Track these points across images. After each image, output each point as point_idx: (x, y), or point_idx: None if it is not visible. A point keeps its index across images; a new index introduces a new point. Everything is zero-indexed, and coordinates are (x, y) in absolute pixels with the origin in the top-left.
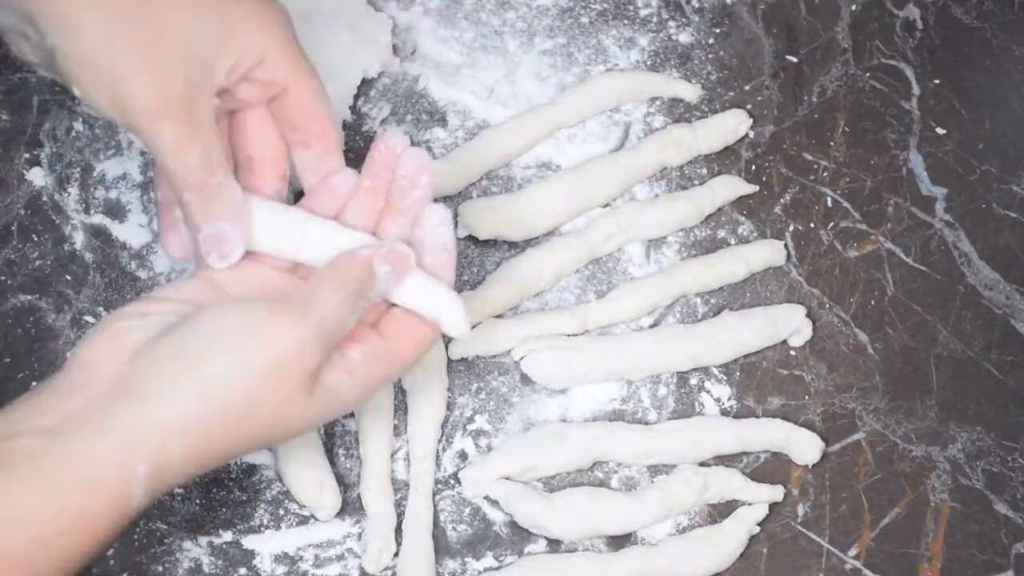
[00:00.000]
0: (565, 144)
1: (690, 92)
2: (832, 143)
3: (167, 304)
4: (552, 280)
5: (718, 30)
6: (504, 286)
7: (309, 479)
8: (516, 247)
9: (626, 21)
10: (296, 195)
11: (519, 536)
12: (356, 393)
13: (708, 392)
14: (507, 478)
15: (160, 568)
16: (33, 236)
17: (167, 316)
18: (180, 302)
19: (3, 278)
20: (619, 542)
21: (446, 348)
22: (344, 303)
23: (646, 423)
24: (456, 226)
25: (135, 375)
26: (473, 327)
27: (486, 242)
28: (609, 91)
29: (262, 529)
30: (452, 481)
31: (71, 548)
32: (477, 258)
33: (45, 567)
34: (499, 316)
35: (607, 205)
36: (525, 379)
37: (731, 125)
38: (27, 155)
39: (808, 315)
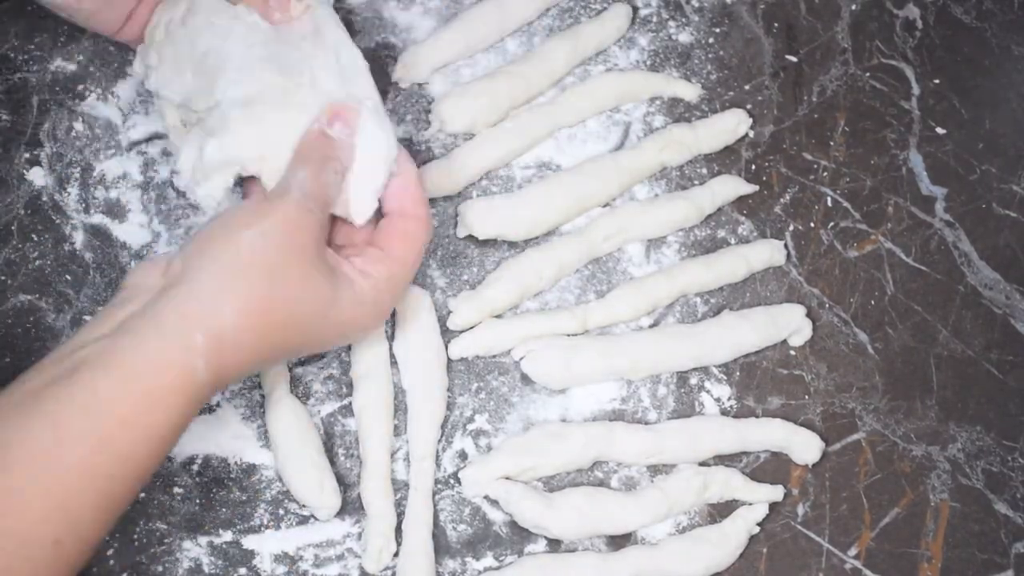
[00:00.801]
0: (565, 144)
1: (690, 92)
2: (832, 143)
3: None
4: (552, 280)
5: (718, 30)
6: (504, 286)
7: (309, 479)
8: (516, 247)
9: None
10: None
11: (519, 536)
12: (372, 292)
13: (708, 392)
14: (507, 478)
15: (160, 568)
16: (33, 236)
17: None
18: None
19: (3, 278)
20: (619, 542)
21: (446, 348)
22: (314, 171)
23: (646, 423)
24: (456, 226)
25: (173, 272)
26: (473, 327)
27: (486, 242)
28: (609, 91)
29: (262, 529)
30: (452, 481)
31: (152, 428)
32: (477, 258)
33: (130, 449)
34: (499, 316)
35: (607, 205)
36: (525, 379)
37: (731, 125)
38: (27, 155)
39: (808, 315)
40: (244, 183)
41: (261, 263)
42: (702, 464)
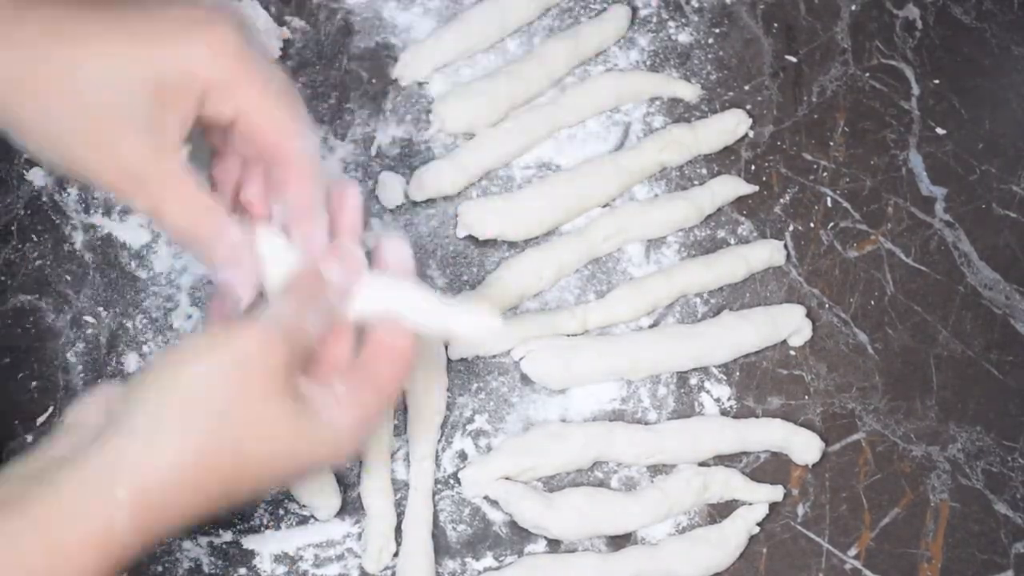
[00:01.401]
0: (565, 144)
1: (690, 92)
2: (832, 143)
3: None
4: (552, 280)
5: (718, 30)
6: (504, 286)
7: (309, 479)
8: (516, 247)
9: None
10: None
11: (519, 536)
12: (346, 420)
13: (708, 392)
14: (507, 478)
15: (160, 568)
16: (33, 236)
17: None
18: None
19: (3, 278)
20: (619, 542)
21: (446, 348)
22: (298, 307)
23: (646, 423)
24: (456, 226)
25: (112, 412)
26: None
27: (486, 242)
28: (609, 91)
29: (262, 529)
30: (452, 481)
31: None
32: (477, 258)
33: None
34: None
35: (607, 205)
36: (525, 379)
37: (730, 125)
38: (27, 155)
39: (808, 315)
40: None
41: (205, 405)
42: (702, 464)
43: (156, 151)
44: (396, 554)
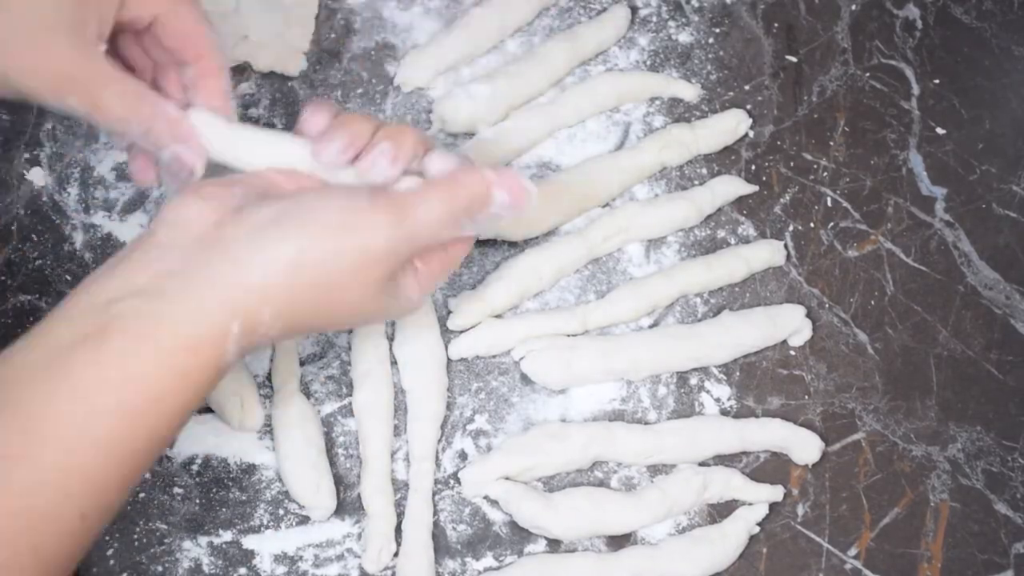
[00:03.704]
0: (565, 144)
1: (690, 92)
2: (832, 143)
3: (246, 183)
4: (552, 280)
5: (718, 30)
6: (504, 286)
7: (306, 478)
8: (516, 247)
9: None
10: None
11: (519, 536)
12: (417, 297)
13: (708, 392)
14: (507, 478)
15: (160, 568)
16: (33, 236)
17: (250, 193)
18: (259, 185)
19: (3, 278)
20: (619, 542)
21: (446, 348)
22: (446, 216)
23: (646, 423)
24: None
25: (228, 237)
26: (473, 327)
27: (486, 242)
28: (609, 91)
29: (262, 529)
30: (452, 481)
31: (181, 404)
32: (477, 258)
33: (157, 423)
34: (499, 316)
35: (607, 205)
36: (525, 379)
37: (731, 125)
38: (27, 155)
39: (808, 315)
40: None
41: (325, 281)
42: (702, 464)
43: (84, 50)
44: (396, 554)
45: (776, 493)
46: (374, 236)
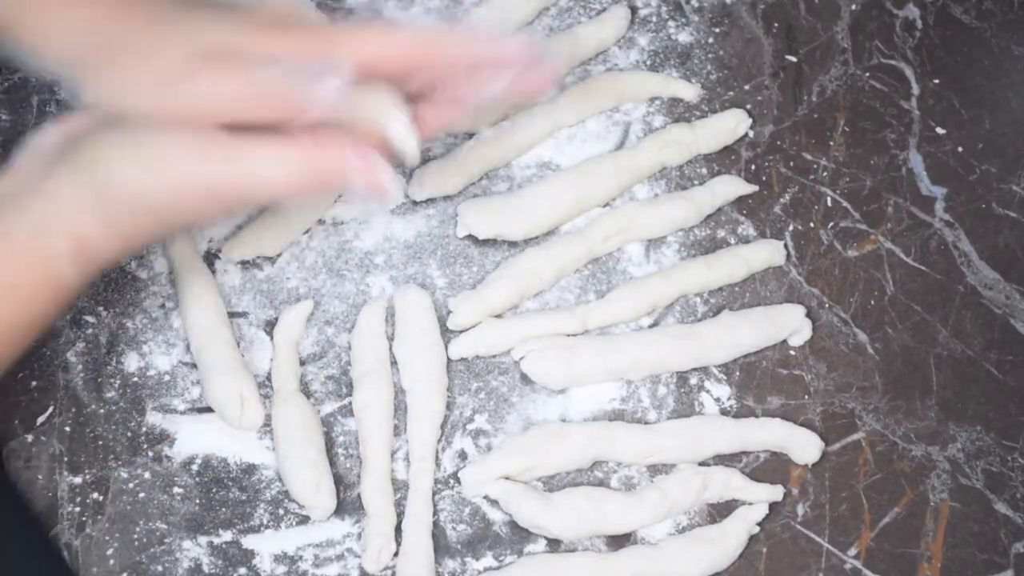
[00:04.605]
0: (565, 144)
1: (690, 92)
2: (832, 143)
3: (104, 112)
4: (552, 280)
5: (718, 30)
6: (504, 286)
7: (306, 478)
8: (516, 247)
9: None
10: None
11: (519, 536)
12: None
13: (708, 392)
14: (507, 478)
15: (160, 568)
16: None
17: (104, 118)
18: (114, 114)
19: None
20: (619, 542)
21: (446, 348)
22: (285, 182)
23: (646, 423)
24: (456, 226)
25: (63, 161)
26: (473, 327)
27: (486, 242)
28: (609, 91)
29: (262, 529)
30: (452, 481)
31: (13, 321)
32: (477, 258)
33: None
34: (499, 316)
35: (606, 205)
36: (525, 379)
37: (730, 125)
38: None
39: (808, 315)
40: None
41: (155, 205)
42: (702, 464)
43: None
44: (396, 554)
45: (776, 493)
46: (190, 169)
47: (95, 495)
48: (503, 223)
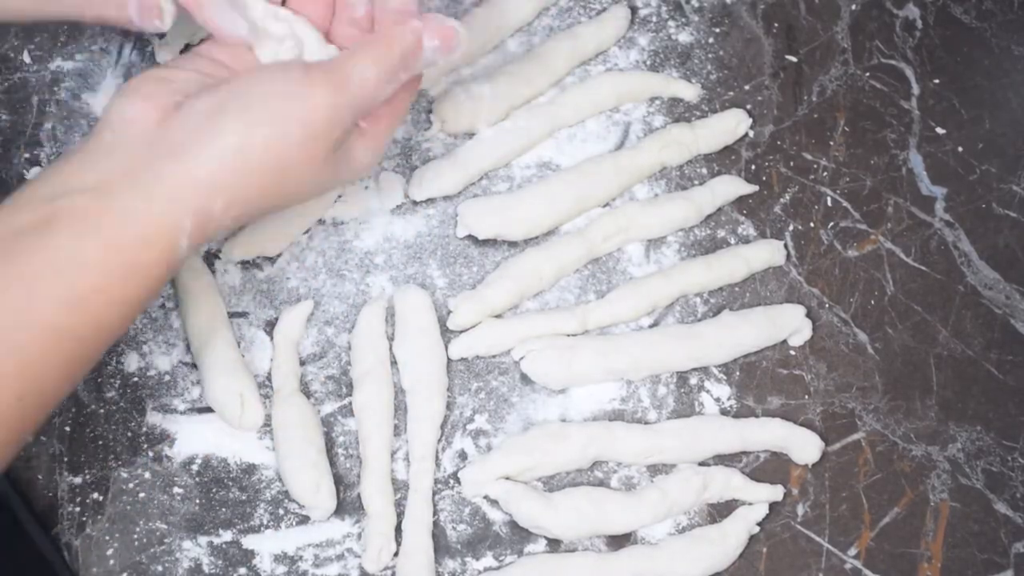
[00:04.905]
0: (565, 144)
1: (690, 92)
2: (832, 143)
3: (185, 72)
4: (552, 280)
5: (718, 30)
6: (504, 286)
7: (306, 478)
8: (516, 247)
9: None
10: None
11: (519, 536)
12: (370, 158)
13: (708, 392)
14: (507, 478)
15: (160, 568)
16: None
17: (189, 83)
18: (197, 72)
19: None
20: (619, 542)
21: (446, 348)
22: (384, 74)
23: (646, 423)
24: (456, 226)
25: (172, 134)
26: (473, 327)
27: (486, 242)
28: (609, 90)
29: (262, 529)
30: (452, 481)
31: (130, 293)
32: (477, 258)
33: (103, 313)
34: (499, 316)
35: (607, 205)
36: (525, 379)
37: (730, 125)
38: (27, 155)
39: (808, 315)
40: None
41: (274, 164)
42: (702, 464)
43: None
44: (396, 554)
45: (776, 493)
46: (314, 110)
47: (95, 495)
48: (503, 223)
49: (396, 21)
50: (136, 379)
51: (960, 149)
